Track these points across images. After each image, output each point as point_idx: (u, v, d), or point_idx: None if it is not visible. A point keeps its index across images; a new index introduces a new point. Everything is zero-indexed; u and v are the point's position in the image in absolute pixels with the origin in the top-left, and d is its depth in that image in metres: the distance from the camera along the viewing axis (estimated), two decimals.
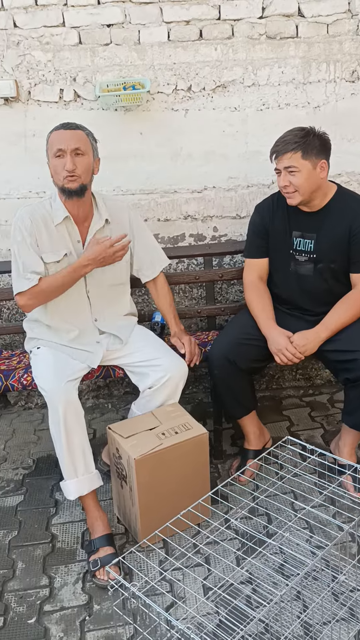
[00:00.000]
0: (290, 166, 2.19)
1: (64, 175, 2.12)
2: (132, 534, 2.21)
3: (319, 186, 2.25)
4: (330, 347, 2.28)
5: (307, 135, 2.19)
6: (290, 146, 2.18)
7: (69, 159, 2.10)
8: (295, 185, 2.21)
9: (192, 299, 3.05)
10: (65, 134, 2.13)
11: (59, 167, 2.13)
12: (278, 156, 2.22)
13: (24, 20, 2.58)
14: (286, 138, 2.22)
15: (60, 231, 2.23)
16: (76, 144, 2.12)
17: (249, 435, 2.51)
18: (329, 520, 1.95)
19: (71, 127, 2.15)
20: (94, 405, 3.16)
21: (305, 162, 2.18)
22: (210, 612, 1.84)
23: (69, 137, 2.12)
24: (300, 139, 2.18)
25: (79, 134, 2.15)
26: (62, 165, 2.11)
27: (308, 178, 2.20)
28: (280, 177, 2.25)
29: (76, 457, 2.07)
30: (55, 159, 2.13)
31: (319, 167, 2.21)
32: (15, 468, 2.67)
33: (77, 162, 2.12)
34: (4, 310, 2.98)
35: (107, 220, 2.29)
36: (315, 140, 2.20)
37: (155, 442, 2.07)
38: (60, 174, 2.13)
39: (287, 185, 2.23)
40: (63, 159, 2.11)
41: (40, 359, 2.24)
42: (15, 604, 1.95)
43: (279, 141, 2.24)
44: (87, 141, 2.17)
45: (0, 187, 2.79)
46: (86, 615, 1.89)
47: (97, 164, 2.25)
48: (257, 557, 1.97)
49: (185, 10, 2.62)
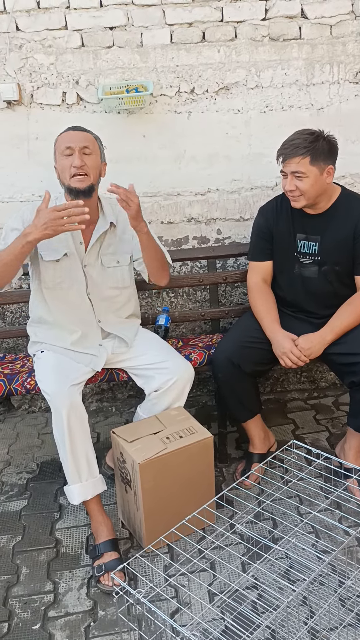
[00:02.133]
0: (297, 171, 2.17)
1: (72, 172, 2.12)
2: (136, 538, 2.19)
3: (324, 190, 2.24)
4: (336, 349, 2.26)
5: (316, 140, 2.16)
6: (299, 151, 2.15)
7: (77, 156, 2.12)
8: (301, 190, 2.20)
9: (195, 301, 3.04)
10: (74, 134, 2.17)
11: (66, 165, 2.13)
12: (286, 159, 2.19)
13: (26, 23, 2.57)
14: (295, 141, 2.18)
15: None
16: (85, 143, 2.15)
17: (254, 439, 2.50)
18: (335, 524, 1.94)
19: (79, 129, 2.20)
20: (97, 409, 3.15)
21: (313, 167, 2.16)
22: (215, 618, 1.82)
23: (78, 136, 2.16)
24: (309, 144, 2.15)
25: (87, 135, 2.18)
26: (69, 163, 2.12)
27: (315, 183, 2.19)
28: (286, 180, 2.23)
29: (80, 461, 2.06)
30: (64, 157, 2.14)
31: (325, 173, 2.19)
32: (19, 472, 2.66)
33: (85, 159, 2.14)
34: (7, 313, 2.97)
35: (112, 223, 2.28)
36: (324, 145, 2.17)
37: (159, 446, 2.06)
38: (68, 172, 2.13)
39: (294, 189, 2.21)
40: (71, 157, 2.12)
41: (43, 363, 2.23)
42: (20, 609, 1.94)
43: (287, 144, 2.21)
44: (95, 143, 2.20)
45: (3, 190, 2.78)
46: (91, 621, 1.88)
47: (104, 168, 2.26)
48: (262, 562, 1.95)
49: (188, 13, 2.61)
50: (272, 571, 1.96)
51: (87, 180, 2.14)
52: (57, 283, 2.25)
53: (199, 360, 2.48)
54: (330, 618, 1.78)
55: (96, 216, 2.28)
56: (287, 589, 1.88)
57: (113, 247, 2.32)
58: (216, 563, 2.05)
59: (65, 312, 2.28)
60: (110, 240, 2.31)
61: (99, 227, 2.27)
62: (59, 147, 2.16)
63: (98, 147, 2.21)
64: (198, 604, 1.89)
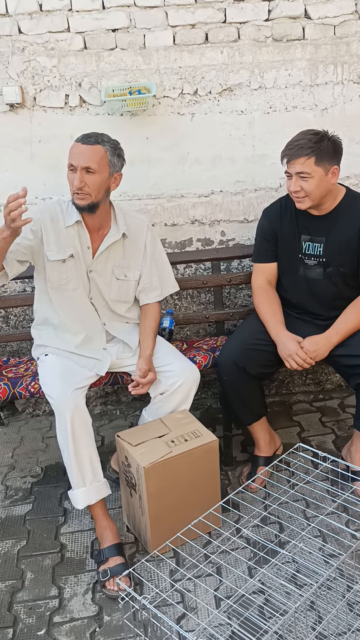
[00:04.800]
0: (302, 172, 2.15)
1: (73, 190, 2.11)
2: (141, 543, 2.18)
3: (329, 191, 2.23)
4: (341, 351, 2.25)
5: (321, 140, 2.15)
6: (304, 151, 2.13)
7: (78, 176, 2.07)
8: (306, 190, 2.18)
9: (200, 304, 3.03)
10: (80, 148, 2.08)
11: (70, 180, 2.12)
12: (290, 160, 2.18)
13: (28, 26, 2.57)
14: (300, 142, 2.16)
15: (69, 233, 2.21)
16: (87, 163, 2.06)
17: (259, 442, 2.48)
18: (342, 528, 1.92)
19: (90, 142, 2.09)
20: (102, 412, 3.14)
21: (318, 168, 2.15)
22: (222, 624, 1.81)
23: (83, 152, 2.07)
24: (314, 144, 2.13)
25: (96, 151, 2.08)
26: (72, 179, 2.10)
27: (319, 184, 2.17)
28: (291, 181, 2.21)
29: (84, 465, 2.05)
30: (69, 171, 2.12)
31: (330, 173, 2.18)
32: (24, 476, 2.65)
33: (86, 179, 2.08)
34: (11, 317, 2.96)
35: (124, 234, 2.27)
36: (329, 145, 2.16)
37: (164, 450, 2.05)
38: (71, 187, 2.12)
39: (298, 190, 2.19)
40: (74, 173, 2.09)
41: (47, 366, 2.22)
42: (25, 615, 1.93)
43: (292, 144, 2.19)
44: (104, 158, 2.10)
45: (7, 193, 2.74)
46: (96, 626, 1.87)
47: (118, 179, 2.18)
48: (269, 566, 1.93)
49: (190, 14, 2.61)
50: (279, 576, 1.94)
51: (87, 199, 2.11)
52: (62, 284, 2.24)
53: (203, 363, 2.46)
54: (338, 623, 1.76)
55: (108, 224, 2.26)
56: (294, 593, 1.86)
57: (126, 260, 2.29)
58: (222, 568, 2.03)
59: (71, 312, 2.27)
60: (121, 251, 2.28)
61: (110, 236, 2.24)
62: (68, 158, 2.11)
63: (107, 162, 2.10)
64: (204, 609, 1.87)
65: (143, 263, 2.33)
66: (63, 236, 2.21)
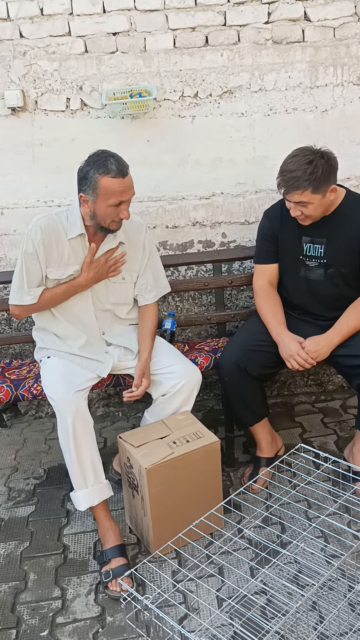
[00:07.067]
0: (300, 202, 2.16)
1: (116, 220, 2.12)
2: (144, 544, 2.19)
3: (330, 205, 2.24)
4: (343, 352, 2.25)
5: (315, 168, 2.09)
6: (300, 184, 2.11)
7: (125, 207, 2.10)
8: (306, 215, 2.21)
9: (201, 305, 3.04)
10: (126, 183, 2.07)
11: (111, 213, 2.10)
12: (288, 192, 2.17)
13: (30, 30, 2.59)
14: (295, 173, 2.11)
15: (73, 246, 2.20)
16: (132, 193, 2.12)
17: (261, 443, 2.49)
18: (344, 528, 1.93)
19: (125, 173, 2.07)
20: (104, 414, 3.15)
21: (316, 195, 2.14)
22: (224, 624, 1.81)
23: (128, 185, 2.09)
24: (309, 176, 2.09)
25: (131, 179, 2.11)
26: (116, 212, 2.09)
27: (319, 207, 2.19)
28: (291, 207, 2.22)
29: (86, 467, 2.05)
30: (110, 207, 2.08)
31: (328, 193, 2.18)
32: (27, 478, 2.66)
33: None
34: (14, 319, 2.97)
35: (120, 242, 2.27)
36: (324, 168, 2.11)
37: (166, 451, 2.05)
38: (111, 219, 2.11)
39: (299, 214, 2.22)
40: (119, 207, 2.09)
41: (49, 369, 2.23)
42: (28, 616, 1.94)
43: (286, 175, 2.14)
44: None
45: (9, 196, 2.79)
46: (99, 627, 1.87)
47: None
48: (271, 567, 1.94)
49: (190, 17, 2.62)
50: (281, 576, 1.94)
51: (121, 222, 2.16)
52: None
53: (205, 364, 2.47)
54: (340, 623, 1.76)
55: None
56: (296, 594, 1.87)
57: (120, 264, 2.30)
58: (224, 568, 2.03)
59: (71, 322, 2.28)
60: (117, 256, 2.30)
61: (105, 243, 2.24)
62: (106, 194, 2.05)
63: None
64: (206, 610, 1.88)
65: (141, 263, 2.34)
66: (66, 251, 2.19)
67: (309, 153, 2.15)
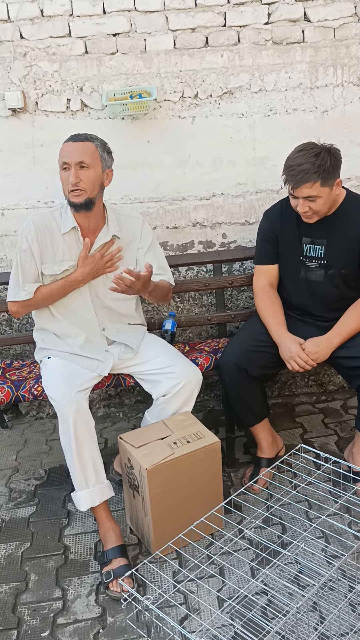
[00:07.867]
0: (310, 196, 2.14)
1: (69, 188, 2.12)
2: (145, 544, 2.19)
3: (335, 200, 2.24)
4: (343, 353, 2.25)
5: (323, 160, 2.10)
6: (310, 177, 2.10)
7: (72, 172, 2.10)
8: (314, 210, 2.19)
9: (202, 306, 3.04)
10: (72, 146, 2.12)
11: (64, 179, 2.14)
12: (296, 187, 2.14)
13: (30, 32, 2.59)
14: (303, 166, 2.10)
15: (67, 241, 2.22)
16: (80, 157, 2.10)
17: (262, 443, 2.49)
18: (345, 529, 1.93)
19: (80, 139, 2.14)
20: (105, 415, 3.15)
21: (324, 188, 2.13)
22: (225, 625, 1.81)
23: (75, 149, 2.11)
24: (318, 168, 2.09)
25: (86, 146, 2.12)
26: (67, 177, 2.12)
27: (327, 201, 2.18)
28: (296, 201, 2.20)
29: (87, 467, 2.06)
30: (62, 171, 2.14)
31: (335, 186, 2.18)
32: (27, 479, 2.66)
33: (81, 175, 2.10)
34: (14, 320, 2.98)
35: (114, 235, 2.27)
36: (331, 161, 2.11)
37: (167, 452, 2.06)
38: (66, 186, 2.13)
39: (307, 210, 2.20)
40: (68, 171, 2.12)
41: (50, 369, 2.23)
42: (29, 616, 1.94)
43: (294, 169, 2.12)
44: (95, 153, 2.14)
45: (9, 197, 2.79)
46: (100, 628, 1.88)
47: (110, 175, 2.22)
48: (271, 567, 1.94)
49: (190, 18, 2.62)
50: (282, 576, 1.95)
51: (83, 195, 2.13)
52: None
53: (205, 365, 2.47)
54: (340, 623, 1.76)
55: (101, 225, 2.27)
56: (297, 594, 1.87)
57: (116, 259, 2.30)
58: (225, 569, 2.04)
59: (70, 318, 2.29)
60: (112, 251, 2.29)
61: (100, 238, 2.25)
62: (59, 160, 2.14)
63: (99, 157, 2.14)
64: (207, 610, 1.88)
65: (139, 252, 2.33)
66: (60, 246, 2.22)
67: (314, 147, 2.16)
